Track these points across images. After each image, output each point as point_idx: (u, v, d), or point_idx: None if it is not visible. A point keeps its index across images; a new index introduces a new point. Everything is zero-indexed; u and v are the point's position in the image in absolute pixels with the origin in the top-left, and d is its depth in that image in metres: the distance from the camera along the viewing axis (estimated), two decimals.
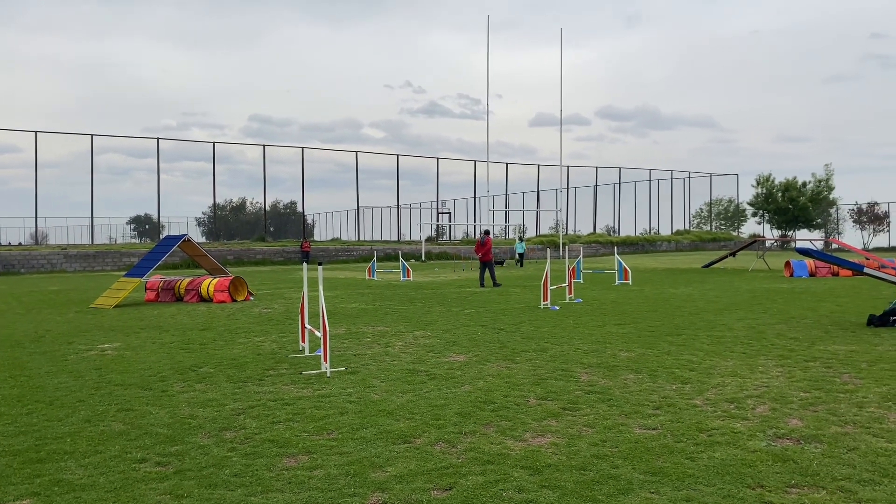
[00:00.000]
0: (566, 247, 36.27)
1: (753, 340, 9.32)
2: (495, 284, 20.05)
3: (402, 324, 11.67)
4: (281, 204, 68.62)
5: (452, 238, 55.72)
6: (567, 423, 5.42)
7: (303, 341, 8.98)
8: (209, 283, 16.63)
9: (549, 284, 14.32)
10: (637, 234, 57.40)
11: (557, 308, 13.74)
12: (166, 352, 9.20)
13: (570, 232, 54.91)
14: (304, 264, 8.82)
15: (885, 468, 4.26)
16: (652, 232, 59.10)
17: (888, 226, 52.89)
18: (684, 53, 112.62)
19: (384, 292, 18.53)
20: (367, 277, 25.20)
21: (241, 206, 72.52)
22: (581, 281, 21.53)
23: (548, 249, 18.55)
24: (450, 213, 58.22)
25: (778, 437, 4.94)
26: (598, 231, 56.46)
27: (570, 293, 15.79)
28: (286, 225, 65.74)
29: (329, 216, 70.89)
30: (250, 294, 17.13)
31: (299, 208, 50.56)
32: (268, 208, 51.93)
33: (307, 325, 8.73)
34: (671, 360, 8.00)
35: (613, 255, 23.10)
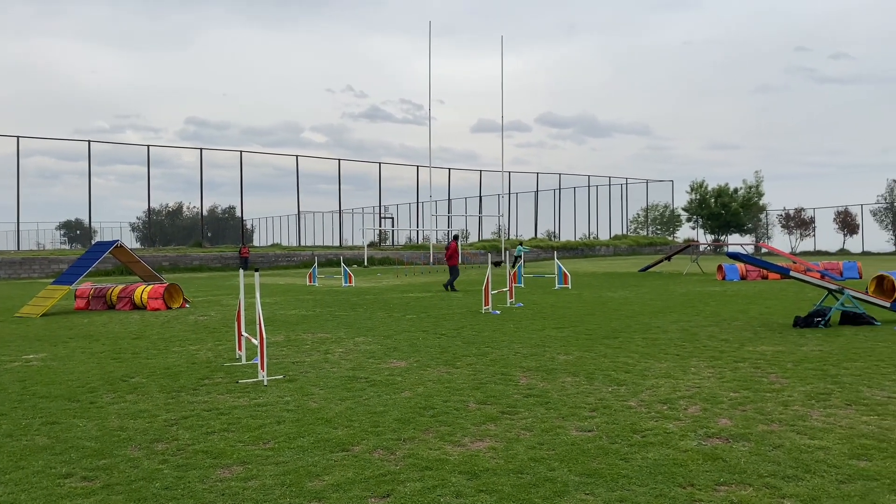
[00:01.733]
0: (508, 252, 36.62)
1: (686, 342, 9.59)
2: (446, 288, 20.09)
3: (343, 330, 11.56)
4: (219, 209, 67.19)
5: (395, 243, 55.57)
6: (505, 426, 5.46)
7: (239, 349, 8.79)
8: (143, 291, 16.13)
9: (490, 289, 14.42)
10: (577, 238, 58.41)
11: (498, 312, 13.85)
12: (96, 362, 8.88)
13: (512, 237, 55.47)
14: (241, 270, 8.64)
15: (808, 464, 4.43)
16: (591, 237, 60.25)
17: (814, 231, 55.29)
18: (620, 63, 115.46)
19: (325, 298, 18.34)
20: (308, 283, 24.89)
21: (178, 210, 70.77)
22: (522, 285, 21.77)
23: (489, 254, 18.70)
24: (392, 219, 58.07)
25: (708, 437, 5.09)
26: (539, 236, 57.21)
27: (511, 297, 15.94)
28: (224, 230, 64.40)
29: (269, 221, 69.82)
30: (186, 301, 16.70)
31: (238, 213, 49.62)
32: (205, 213, 50.80)
33: (244, 333, 8.56)
34: (608, 362, 8.16)
35: (554, 259, 23.43)
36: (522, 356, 8.67)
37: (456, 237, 22.10)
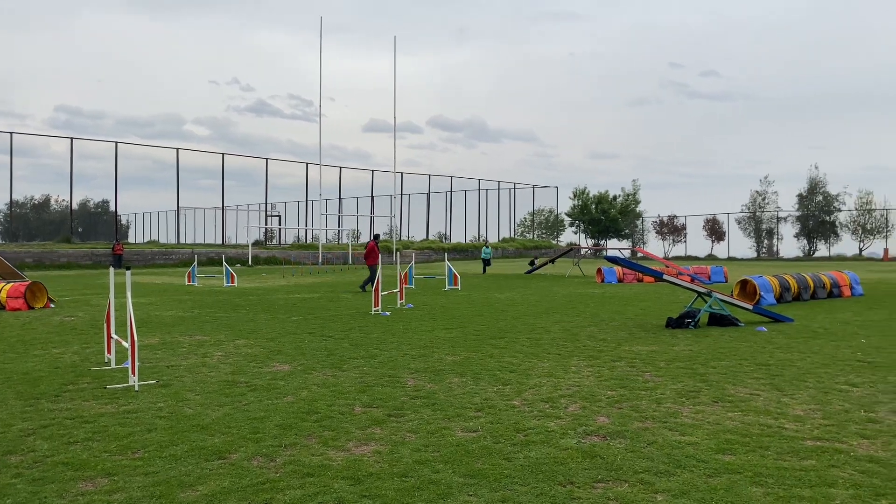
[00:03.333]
0: (399, 252, 36.59)
1: (568, 342, 9.89)
2: (362, 289, 19.87)
3: (223, 332, 11.10)
4: (91, 202, 63.20)
5: (282, 242, 54.28)
6: (391, 429, 5.39)
7: (109, 352, 8.23)
8: (1, 289, 14.84)
9: (380, 290, 14.31)
10: (467, 240, 59.28)
11: (388, 314, 13.77)
12: None
13: (404, 238, 55.54)
14: (112, 268, 8.10)
15: (679, 459, 4.64)
16: (481, 239, 61.31)
17: (685, 237, 58.94)
18: (508, 70, 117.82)
19: (205, 299, 17.59)
20: (187, 283, 23.81)
21: (45, 203, 65.89)
22: (413, 286, 21.79)
23: (380, 255, 18.58)
24: (280, 217, 56.74)
25: (587, 435, 5.24)
26: (430, 237, 57.61)
27: (401, 299, 15.90)
28: (97, 225, 60.62)
29: (146, 217, 66.58)
30: (50, 301, 15.52)
31: (112, 207, 46.80)
32: (75, 207, 47.59)
33: (114, 335, 8.02)
34: (494, 362, 8.27)
35: (444, 261, 23.64)
36: (411, 358, 8.64)
37: (376, 237, 21.80)
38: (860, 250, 51.54)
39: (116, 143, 42.78)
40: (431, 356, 8.73)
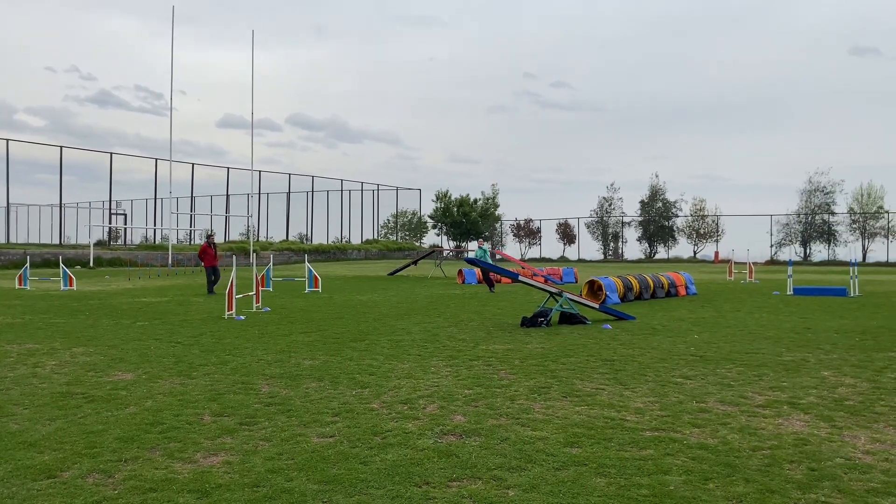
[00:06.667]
0: (256, 254, 35.41)
1: (428, 343, 9.99)
2: (211, 291, 19.10)
3: (59, 340, 10.22)
4: None
5: (129, 243, 50.96)
6: (243, 438, 5.19)
7: None
8: None
9: (234, 293, 13.77)
10: (329, 242, 58.43)
11: (243, 318, 13.27)
12: None
13: (263, 238, 53.84)
14: None
15: (530, 455, 4.80)
16: (343, 240, 60.69)
17: (539, 240, 61.55)
18: (370, 71, 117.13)
19: (38, 304, 16.13)
20: (18, 286, 21.75)
21: None
22: (270, 289, 21.17)
23: (234, 256, 17.86)
24: (126, 215, 53.29)
25: (444, 434, 5.30)
26: (290, 238, 56.22)
27: (257, 302, 15.38)
28: None
29: None
30: None
31: None
32: None
33: None
34: (353, 365, 8.18)
35: (304, 262, 23.16)
36: (266, 363, 8.36)
37: (208, 236, 21.07)
38: (694, 253, 56.10)
39: None
40: (288, 361, 8.51)
